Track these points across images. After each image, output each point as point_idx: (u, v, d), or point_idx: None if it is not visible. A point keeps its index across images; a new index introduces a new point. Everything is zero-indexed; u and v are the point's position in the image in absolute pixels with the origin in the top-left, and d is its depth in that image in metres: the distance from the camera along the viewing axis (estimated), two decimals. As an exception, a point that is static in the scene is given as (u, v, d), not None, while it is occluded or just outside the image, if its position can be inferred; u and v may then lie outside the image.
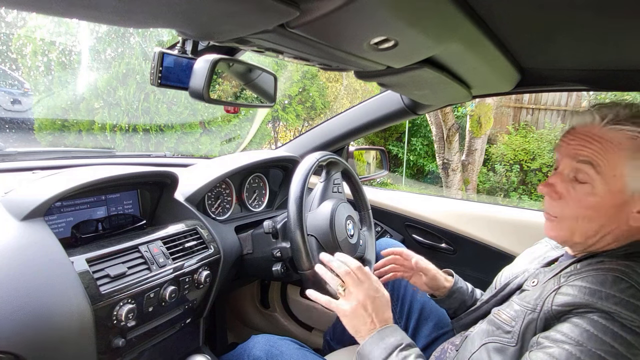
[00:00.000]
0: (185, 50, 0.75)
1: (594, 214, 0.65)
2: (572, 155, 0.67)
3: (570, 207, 0.67)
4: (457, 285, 0.99)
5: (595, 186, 0.64)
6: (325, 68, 0.74)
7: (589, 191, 0.64)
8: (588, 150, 0.65)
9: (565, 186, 0.68)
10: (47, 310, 0.64)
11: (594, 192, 0.64)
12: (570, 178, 0.67)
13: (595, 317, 0.58)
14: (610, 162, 0.63)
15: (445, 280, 1.01)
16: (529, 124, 6.02)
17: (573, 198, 0.66)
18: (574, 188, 0.66)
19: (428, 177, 6.09)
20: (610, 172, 0.63)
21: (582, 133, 0.67)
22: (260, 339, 0.96)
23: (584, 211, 0.65)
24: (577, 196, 0.66)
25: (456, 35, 0.58)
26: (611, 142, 0.63)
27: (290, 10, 0.43)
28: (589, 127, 0.66)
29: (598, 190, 0.64)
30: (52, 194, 0.75)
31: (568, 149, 0.68)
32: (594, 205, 0.64)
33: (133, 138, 4.17)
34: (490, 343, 0.70)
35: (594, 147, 0.64)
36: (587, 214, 0.65)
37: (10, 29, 4.53)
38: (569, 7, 0.51)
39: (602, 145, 0.64)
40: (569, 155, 0.68)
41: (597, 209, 0.64)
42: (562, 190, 0.68)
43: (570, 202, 0.67)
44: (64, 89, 4.21)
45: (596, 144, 0.64)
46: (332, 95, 6.09)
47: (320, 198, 1.11)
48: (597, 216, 0.65)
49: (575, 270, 0.67)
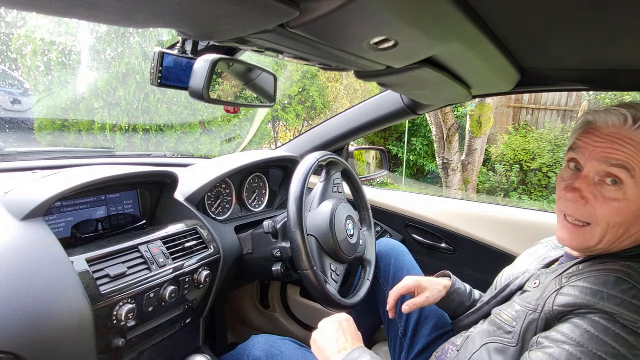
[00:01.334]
0: (185, 50, 0.75)
1: (623, 219, 0.62)
2: (601, 159, 0.63)
3: (601, 214, 0.63)
4: (455, 287, 0.99)
5: (626, 191, 0.61)
6: (325, 68, 0.74)
7: (620, 197, 0.62)
8: (621, 154, 0.61)
9: (591, 190, 0.64)
10: (47, 310, 0.64)
11: (625, 197, 0.61)
12: (596, 182, 0.64)
13: (597, 318, 0.57)
14: None
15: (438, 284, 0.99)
16: (529, 124, 6.02)
17: (602, 204, 0.63)
18: (602, 192, 0.63)
19: (428, 177, 6.09)
20: None
21: (612, 135, 0.63)
22: (260, 339, 0.96)
23: (615, 218, 0.63)
24: (606, 202, 0.63)
25: (456, 35, 0.58)
26: None
27: (290, 10, 0.43)
28: (619, 129, 0.63)
29: (629, 195, 0.61)
30: (52, 194, 0.75)
31: (596, 152, 0.64)
32: (624, 212, 0.62)
33: (133, 138, 4.17)
34: (491, 343, 0.70)
35: (627, 150, 0.61)
36: (617, 219, 0.63)
37: (10, 29, 4.52)
38: (569, 7, 0.51)
39: (636, 149, 0.61)
40: (597, 158, 0.64)
41: (626, 214, 0.62)
42: (589, 195, 0.64)
43: (600, 208, 0.63)
44: (64, 89, 4.21)
45: (629, 147, 0.61)
46: (332, 95, 6.09)
47: (320, 198, 1.11)
48: (625, 221, 0.63)
49: (578, 271, 0.67)
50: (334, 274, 1.05)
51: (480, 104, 4.02)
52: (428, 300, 0.95)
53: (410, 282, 0.98)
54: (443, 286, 0.98)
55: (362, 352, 0.72)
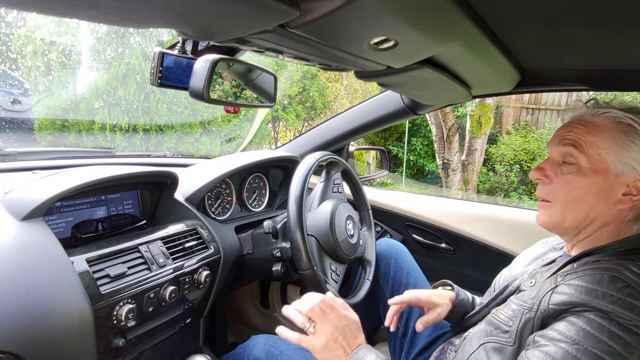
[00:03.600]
0: (185, 50, 0.75)
1: (582, 194, 0.67)
2: (557, 141, 0.71)
3: (559, 189, 0.70)
4: (459, 298, 0.96)
5: (580, 166, 0.67)
6: (325, 68, 0.74)
7: (575, 170, 0.68)
8: (573, 134, 0.69)
9: (554, 169, 0.71)
10: (47, 310, 0.64)
11: (580, 172, 0.67)
12: (560, 163, 0.70)
13: (592, 316, 0.58)
14: (593, 143, 0.66)
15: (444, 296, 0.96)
16: (529, 124, 6.02)
17: (561, 180, 0.69)
18: (561, 170, 0.70)
19: (428, 177, 6.09)
20: (594, 152, 0.66)
21: (570, 122, 0.71)
22: (260, 339, 0.96)
23: (572, 191, 0.68)
24: (564, 177, 0.69)
25: (456, 35, 0.58)
26: (595, 125, 0.67)
27: (290, 10, 0.43)
28: (578, 116, 0.70)
29: (584, 170, 0.67)
30: (52, 194, 0.75)
31: (556, 136, 0.72)
32: (580, 185, 0.67)
33: (133, 138, 4.17)
34: (488, 343, 0.70)
35: (579, 130, 0.68)
36: (575, 194, 0.68)
37: (10, 29, 4.53)
38: (569, 7, 0.51)
39: (587, 128, 0.67)
40: (555, 142, 0.72)
41: (584, 188, 0.67)
42: (551, 173, 0.71)
43: (559, 184, 0.70)
44: (64, 89, 4.21)
45: (581, 127, 0.68)
46: (332, 95, 6.09)
47: (320, 198, 1.11)
48: (584, 197, 0.67)
49: (572, 269, 0.67)
50: (334, 274, 1.05)
51: (480, 104, 4.02)
52: (440, 316, 0.93)
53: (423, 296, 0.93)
54: (449, 298, 0.96)
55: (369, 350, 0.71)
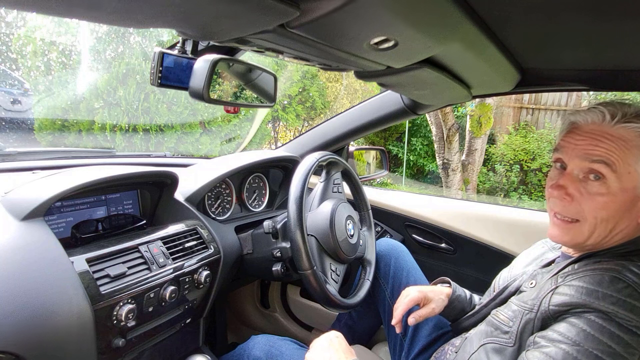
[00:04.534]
0: (185, 50, 0.75)
1: (609, 213, 0.63)
2: (583, 156, 0.65)
3: (587, 209, 0.64)
4: (456, 294, 0.97)
5: (610, 185, 0.63)
6: (325, 68, 0.74)
7: (604, 191, 0.63)
8: (601, 150, 0.63)
9: (576, 187, 0.65)
10: (47, 310, 0.64)
11: (609, 192, 0.63)
12: (580, 178, 0.65)
13: (592, 317, 0.58)
14: (624, 160, 0.62)
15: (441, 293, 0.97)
16: (529, 124, 6.01)
17: (587, 200, 0.64)
18: (586, 188, 0.64)
19: (428, 177, 6.09)
20: (624, 170, 0.62)
21: (592, 132, 0.65)
22: (260, 339, 0.96)
23: (601, 212, 0.64)
24: (591, 197, 0.64)
25: (456, 35, 0.58)
26: (623, 140, 0.62)
27: (290, 10, 0.43)
28: (598, 125, 0.65)
29: (612, 189, 0.62)
30: (52, 194, 0.75)
31: (577, 150, 0.65)
32: (609, 206, 0.63)
33: (133, 138, 4.17)
34: (488, 344, 0.71)
35: (607, 145, 0.63)
36: (604, 215, 0.64)
37: (10, 29, 4.53)
38: (569, 8, 0.51)
39: (615, 144, 0.62)
40: (579, 155, 0.65)
41: (611, 208, 0.63)
42: (574, 191, 0.66)
43: (585, 204, 0.65)
44: (64, 89, 4.21)
45: (609, 143, 0.63)
46: (332, 95, 6.09)
47: (320, 198, 1.11)
48: (611, 216, 0.64)
49: (573, 270, 0.67)
50: (334, 274, 1.05)
51: (480, 104, 4.02)
52: (434, 311, 0.93)
53: (415, 294, 0.94)
54: (445, 294, 0.96)
55: None
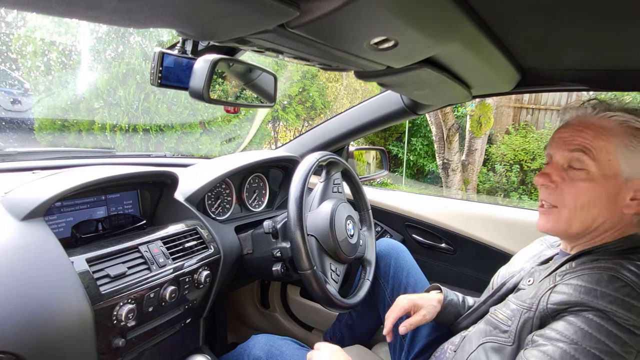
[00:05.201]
0: (185, 50, 0.75)
1: (590, 200, 0.66)
2: (564, 146, 0.68)
3: (568, 195, 0.67)
4: (448, 299, 0.97)
5: (590, 172, 0.65)
6: (325, 68, 0.74)
7: (585, 177, 0.66)
8: (580, 139, 0.66)
9: (560, 175, 0.68)
10: (47, 311, 0.64)
11: (589, 178, 0.65)
12: (565, 168, 0.68)
13: (590, 316, 0.58)
14: (603, 148, 0.64)
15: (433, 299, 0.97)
16: (529, 124, 6.01)
17: (569, 185, 0.67)
18: (569, 176, 0.67)
19: (428, 177, 6.08)
20: (604, 157, 0.64)
21: (575, 124, 0.68)
22: (260, 338, 0.96)
23: (581, 198, 0.66)
24: (573, 183, 0.67)
25: (456, 35, 0.58)
26: (603, 129, 0.65)
27: (290, 10, 0.43)
28: (582, 118, 0.68)
29: (593, 175, 0.65)
30: (52, 194, 0.75)
31: (560, 141, 0.69)
32: (590, 192, 0.65)
33: (133, 138, 4.17)
34: (487, 343, 0.71)
35: (586, 134, 0.66)
36: (584, 200, 0.66)
37: (10, 29, 4.53)
38: (569, 8, 0.51)
39: (595, 132, 0.65)
40: (561, 146, 0.69)
41: (593, 195, 0.65)
42: (558, 178, 0.69)
43: (567, 190, 0.67)
44: (64, 89, 4.21)
45: (589, 132, 0.66)
46: (332, 95, 6.09)
47: (320, 198, 1.11)
48: (593, 203, 0.66)
49: (571, 268, 0.67)
50: (334, 274, 1.05)
51: (480, 104, 4.02)
52: (425, 318, 0.93)
53: (405, 302, 0.95)
54: (437, 301, 0.96)
55: None
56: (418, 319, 0.92)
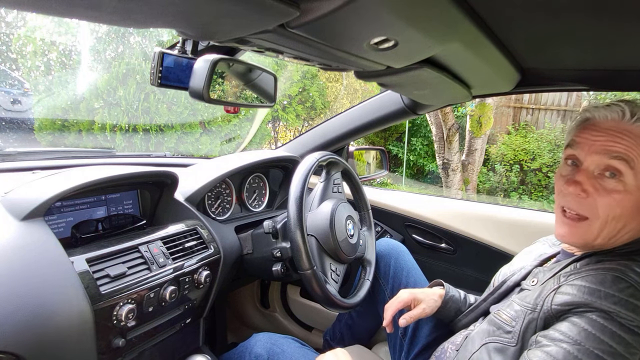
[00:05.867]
0: (185, 50, 0.75)
1: (622, 211, 0.62)
2: (601, 152, 0.63)
3: (601, 207, 0.63)
4: (450, 295, 0.97)
5: (626, 182, 0.62)
6: (325, 68, 0.74)
7: (621, 188, 0.62)
8: (620, 146, 0.62)
9: (592, 183, 0.64)
10: (47, 311, 0.64)
11: (625, 189, 0.62)
12: (596, 175, 0.64)
13: (594, 317, 0.58)
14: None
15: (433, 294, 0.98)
16: (529, 124, 6.02)
17: (602, 196, 0.63)
18: (602, 185, 0.63)
19: (428, 177, 6.09)
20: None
21: (610, 129, 0.63)
22: (262, 337, 0.96)
23: (614, 210, 0.62)
24: (607, 194, 0.63)
25: (456, 35, 0.58)
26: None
27: (290, 10, 0.43)
28: (617, 122, 0.63)
29: (629, 186, 0.61)
30: (52, 194, 0.75)
31: (596, 146, 0.64)
32: (624, 203, 0.62)
33: (133, 138, 4.17)
34: (490, 343, 0.71)
35: (626, 142, 0.62)
36: (617, 212, 0.62)
37: (10, 29, 4.53)
38: (569, 8, 0.51)
39: (635, 141, 0.62)
40: (597, 151, 0.64)
41: (625, 206, 0.62)
42: (590, 187, 0.64)
43: (600, 201, 0.63)
44: (64, 89, 4.21)
45: (628, 140, 0.62)
46: (332, 95, 6.09)
47: (320, 198, 1.11)
48: (624, 214, 0.63)
49: (575, 269, 0.67)
50: (334, 274, 1.05)
51: (480, 104, 4.02)
52: (425, 312, 0.94)
53: (405, 295, 0.96)
54: (438, 295, 0.97)
55: None
56: (418, 312, 0.93)
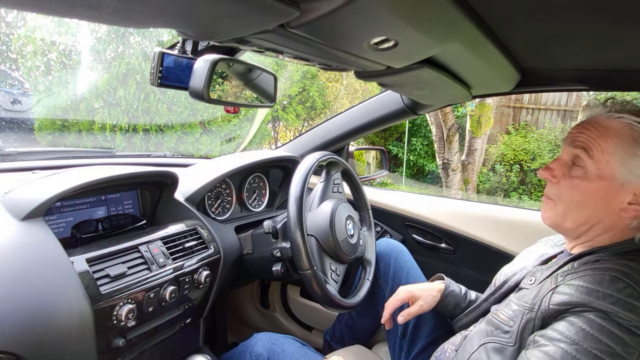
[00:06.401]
0: (185, 50, 0.75)
1: (584, 198, 0.67)
2: (570, 143, 0.70)
3: (564, 191, 0.69)
4: (449, 289, 0.98)
5: (587, 171, 0.66)
6: (325, 68, 0.74)
7: (581, 174, 0.67)
8: (584, 136, 0.67)
9: (562, 170, 0.70)
10: (47, 311, 0.64)
11: (586, 177, 0.66)
12: (569, 164, 0.70)
13: (592, 316, 0.58)
14: (603, 148, 0.65)
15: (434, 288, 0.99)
16: (529, 124, 6.02)
17: (567, 181, 0.69)
18: (569, 172, 0.69)
19: (428, 177, 6.09)
20: (603, 158, 0.65)
21: (586, 121, 0.69)
22: (262, 336, 0.96)
23: (575, 195, 0.68)
24: (570, 180, 0.69)
25: (456, 35, 0.58)
26: (608, 129, 0.65)
27: (290, 10, 0.43)
28: (593, 117, 0.69)
29: (590, 174, 0.66)
30: (52, 194, 0.75)
31: (568, 137, 0.71)
32: (585, 190, 0.67)
33: (133, 138, 4.17)
34: (489, 343, 0.71)
35: (590, 133, 0.67)
36: (578, 198, 0.67)
37: (10, 29, 4.53)
38: (569, 8, 0.51)
39: (599, 132, 0.66)
40: (567, 142, 0.71)
41: (587, 194, 0.66)
42: (559, 174, 0.70)
43: (564, 185, 0.69)
44: (64, 89, 4.21)
45: (593, 131, 0.66)
46: (332, 95, 6.09)
47: (320, 198, 1.11)
48: (587, 202, 0.67)
49: (572, 269, 0.67)
50: (334, 274, 1.05)
51: (480, 104, 4.02)
52: (422, 308, 0.96)
53: (402, 294, 0.99)
54: (437, 290, 0.98)
55: None
56: (415, 309, 0.95)
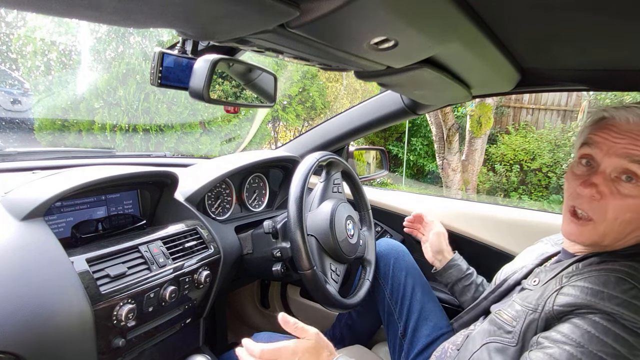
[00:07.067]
0: (185, 50, 0.75)
1: (633, 216, 0.62)
2: (622, 154, 0.62)
3: (612, 210, 0.63)
4: (454, 262, 1.06)
5: None
6: (325, 68, 0.74)
7: (636, 193, 0.61)
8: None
9: (608, 186, 0.63)
10: (47, 311, 0.64)
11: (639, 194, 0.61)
12: (612, 178, 0.63)
13: (597, 318, 0.57)
14: None
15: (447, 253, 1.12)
16: (529, 124, 6.02)
17: (616, 199, 0.62)
18: (617, 188, 0.62)
19: (428, 177, 6.09)
20: None
21: (631, 131, 0.62)
22: (263, 336, 0.96)
23: (626, 213, 0.62)
24: (621, 198, 0.62)
25: (456, 35, 0.57)
26: None
27: (290, 10, 0.43)
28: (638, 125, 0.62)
29: None
30: (52, 194, 0.75)
31: (616, 148, 0.63)
32: (636, 208, 0.61)
33: (133, 138, 4.17)
34: (491, 343, 0.70)
35: None
36: (628, 216, 0.62)
37: (10, 29, 4.53)
38: (569, 8, 0.51)
39: None
40: (617, 154, 0.63)
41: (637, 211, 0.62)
42: (605, 190, 0.63)
43: (612, 204, 0.62)
44: (64, 89, 4.21)
45: None
46: (332, 95, 6.09)
47: (320, 198, 1.11)
48: (635, 219, 0.62)
49: (577, 270, 0.66)
50: (334, 274, 1.05)
51: (480, 104, 4.02)
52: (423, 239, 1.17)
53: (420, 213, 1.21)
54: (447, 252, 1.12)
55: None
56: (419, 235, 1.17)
